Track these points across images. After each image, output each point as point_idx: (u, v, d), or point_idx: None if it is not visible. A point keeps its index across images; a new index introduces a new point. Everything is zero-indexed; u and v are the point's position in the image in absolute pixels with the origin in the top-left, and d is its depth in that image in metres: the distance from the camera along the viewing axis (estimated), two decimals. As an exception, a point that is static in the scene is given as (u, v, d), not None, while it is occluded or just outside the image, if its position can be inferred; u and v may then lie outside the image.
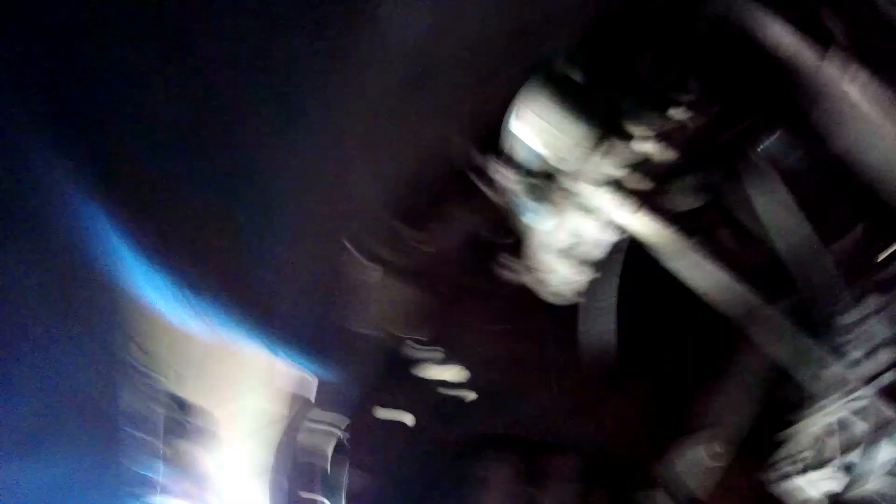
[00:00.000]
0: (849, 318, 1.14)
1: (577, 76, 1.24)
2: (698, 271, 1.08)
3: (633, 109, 1.22)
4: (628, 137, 1.18)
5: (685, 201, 1.20)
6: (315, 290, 0.95)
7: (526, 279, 1.25)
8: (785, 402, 1.29)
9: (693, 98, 1.23)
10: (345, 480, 1.26)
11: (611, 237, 1.13)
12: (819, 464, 1.16)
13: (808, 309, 1.24)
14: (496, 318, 1.30)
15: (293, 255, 0.90)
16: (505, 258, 1.26)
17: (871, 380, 1.08)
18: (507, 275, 1.26)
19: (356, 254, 1.02)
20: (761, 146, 1.22)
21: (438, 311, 1.26)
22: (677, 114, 1.18)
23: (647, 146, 1.15)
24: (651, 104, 1.23)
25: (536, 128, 1.22)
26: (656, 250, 1.11)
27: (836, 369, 1.11)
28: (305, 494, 1.29)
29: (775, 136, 1.21)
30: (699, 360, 1.30)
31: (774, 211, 1.20)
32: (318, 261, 0.95)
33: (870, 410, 1.09)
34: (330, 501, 1.37)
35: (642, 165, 1.15)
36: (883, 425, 1.07)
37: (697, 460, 1.20)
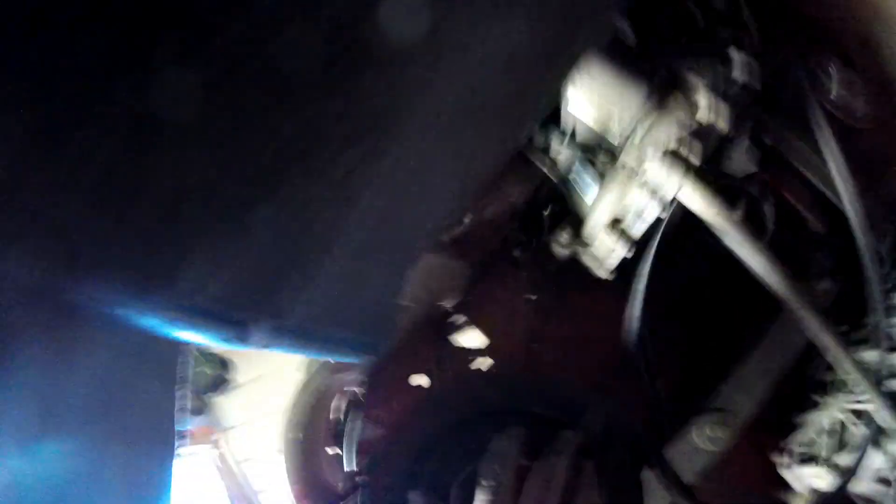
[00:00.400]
0: (878, 313, 1.13)
1: (628, 37, 1.16)
2: (741, 248, 1.07)
3: (688, 65, 1.15)
4: (682, 103, 1.13)
5: (739, 166, 1.16)
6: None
7: (573, 252, 1.22)
8: (799, 391, 1.36)
9: (752, 39, 1.17)
10: (357, 432, 1.28)
11: (658, 210, 1.10)
12: (810, 460, 1.22)
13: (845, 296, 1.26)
14: (527, 290, 1.29)
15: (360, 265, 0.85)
16: (555, 231, 1.23)
17: (878, 383, 1.11)
18: (554, 247, 1.23)
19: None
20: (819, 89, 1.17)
21: (469, 278, 1.24)
22: (737, 57, 1.12)
23: (701, 112, 1.10)
24: (708, 53, 1.16)
25: (589, 99, 1.16)
26: (704, 222, 1.09)
27: (850, 366, 1.12)
28: (319, 444, 1.31)
29: (833, 74, 1.18)
30: (720, 342, 1.34)
31: (824, 181, 1.18)
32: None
33: (871, 416, 1.12)
34: (342, 450, 1.40)
35: (696, 133, 1.10)
36: (880, 433, 1.13)
37: (693, 444, 1.24)
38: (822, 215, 1.25)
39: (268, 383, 1.32)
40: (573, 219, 1.24)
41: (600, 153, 1.18)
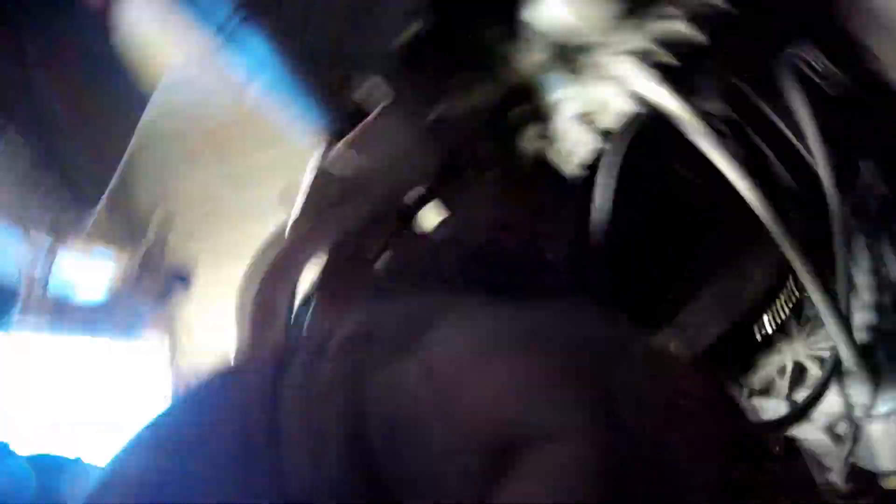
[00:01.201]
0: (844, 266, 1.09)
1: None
2: (713, 156, 1.02)
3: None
4: (660, 12, 1.10)
5: (707, 103, 1.14)
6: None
7: (540, 147, 1.21)
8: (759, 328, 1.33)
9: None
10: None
11: (629, 107, 1.05)
12: (765, 394, 1.19)
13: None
14: (492, 188, 1.28)
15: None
16: (522, 126, 1.21)
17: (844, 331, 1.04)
18: (522, 144, 1.22)
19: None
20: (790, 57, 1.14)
21: (433, 172, 1.24)
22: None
23: (677, 24, 1.07)
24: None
25: None
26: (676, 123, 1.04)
27: (822, 302, 1.05)
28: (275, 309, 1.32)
29: (804, 49, 1.14)
30: (686, 261, 1.29)
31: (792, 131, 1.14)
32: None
33: (828, 362, 1.08)
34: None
35: (671, 42, 1.05)
36: (841, 374, 1.08)
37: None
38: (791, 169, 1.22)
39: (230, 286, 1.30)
40: (542, 116, 1.22)
41: (573, 52, 1.14)
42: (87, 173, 0.85)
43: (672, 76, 1.00)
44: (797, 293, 1.31)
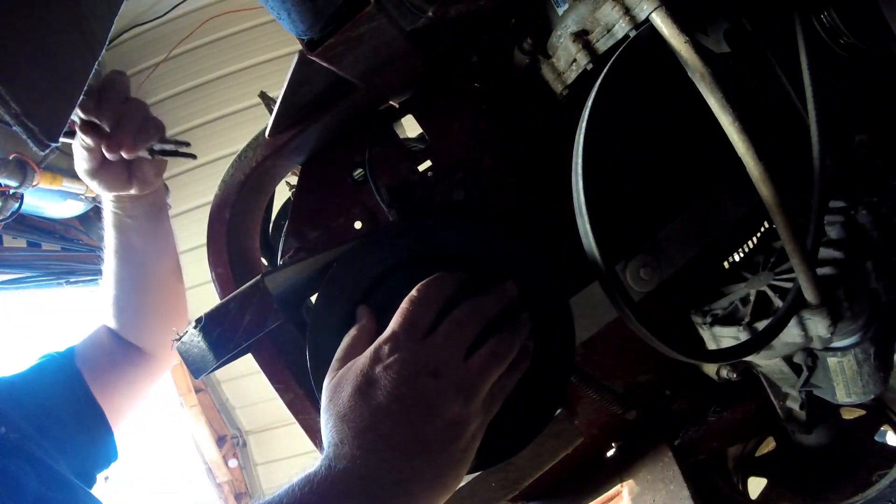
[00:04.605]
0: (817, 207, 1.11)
1: None
2: (705, 93, 0.98)
3: None
4: None
5: (713, 43, 1.12)
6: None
7: (533, 62, 1.17)
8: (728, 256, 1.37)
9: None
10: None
11: (628, 28, 1.01)
12: (727, 322, 1.23)
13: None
14: (479, 98, 1.24)
15: None
16: (519, 36, 1.17)
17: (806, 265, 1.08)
18: (516, 55, 1.18)
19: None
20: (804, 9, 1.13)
21: (421, 75, 1.18)
22: None
23: None
24: None
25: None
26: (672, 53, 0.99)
27: (789, 236, 1.07)
28: (249, 227, 1.30)
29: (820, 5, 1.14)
30: (666, 187, 1.32)
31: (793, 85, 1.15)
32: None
33: (791, 293, 1.10)
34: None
35: None
36: (797, 308, 1.11)
37: (623, 281, 1.23)
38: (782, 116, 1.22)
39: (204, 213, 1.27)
40: (540, 30, 1.17)
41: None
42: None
43: (681, 7, 0.96)
44: (767, 227, 1.35)
